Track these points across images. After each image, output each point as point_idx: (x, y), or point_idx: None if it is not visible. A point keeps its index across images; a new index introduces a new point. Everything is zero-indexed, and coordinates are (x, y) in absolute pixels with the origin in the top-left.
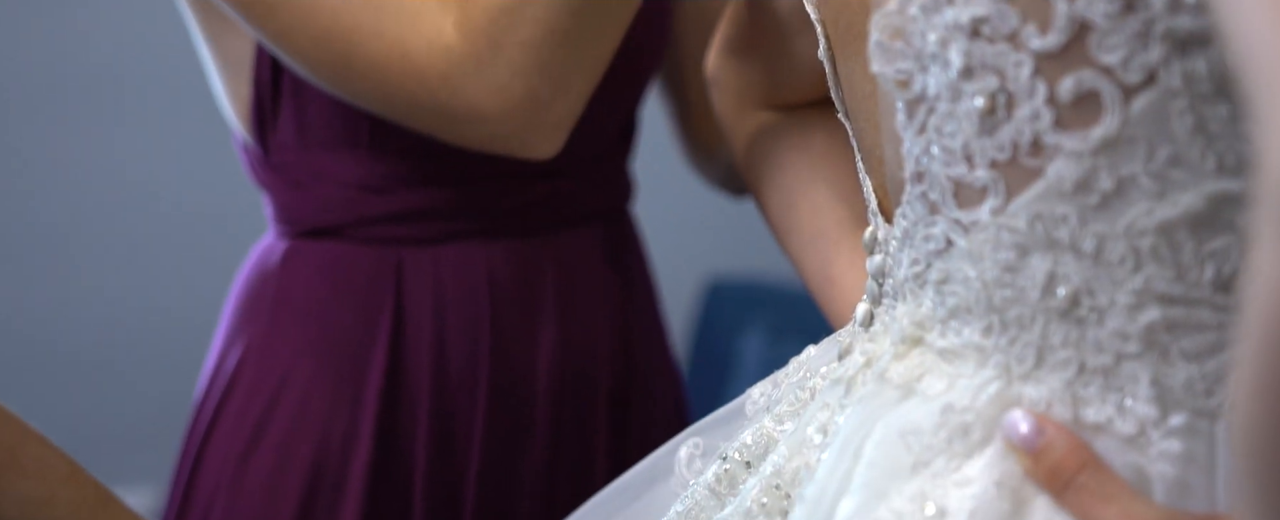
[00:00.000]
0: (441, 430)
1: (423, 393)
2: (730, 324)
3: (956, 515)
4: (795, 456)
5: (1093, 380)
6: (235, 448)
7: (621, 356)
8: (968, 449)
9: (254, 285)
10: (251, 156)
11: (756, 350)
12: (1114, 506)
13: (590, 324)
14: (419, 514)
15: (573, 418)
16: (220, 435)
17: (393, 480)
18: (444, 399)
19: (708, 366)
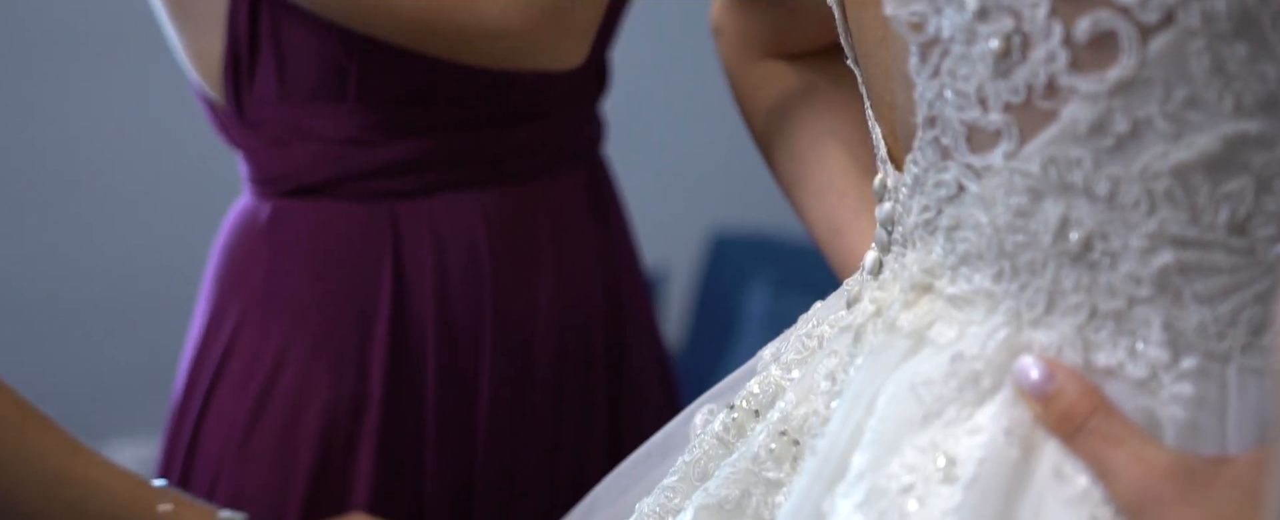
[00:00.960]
0: (449, 383)
1: (429, 347)
2: (735, 278)
3: (966, 464)
4: (803, 404)
5: (1104, 325)
6: (239, 417)
7: (612, 294)
8: (978, 396)
9: (241, 249)
10: (222, 115)
11: (761, 304)
12: (1124, 450)
13: (583, 265)
14: (432, 467)
15: (573, 360)
16: (220, 404)
17: (404, 436)
18: (450, 351)
19: (712, 321)
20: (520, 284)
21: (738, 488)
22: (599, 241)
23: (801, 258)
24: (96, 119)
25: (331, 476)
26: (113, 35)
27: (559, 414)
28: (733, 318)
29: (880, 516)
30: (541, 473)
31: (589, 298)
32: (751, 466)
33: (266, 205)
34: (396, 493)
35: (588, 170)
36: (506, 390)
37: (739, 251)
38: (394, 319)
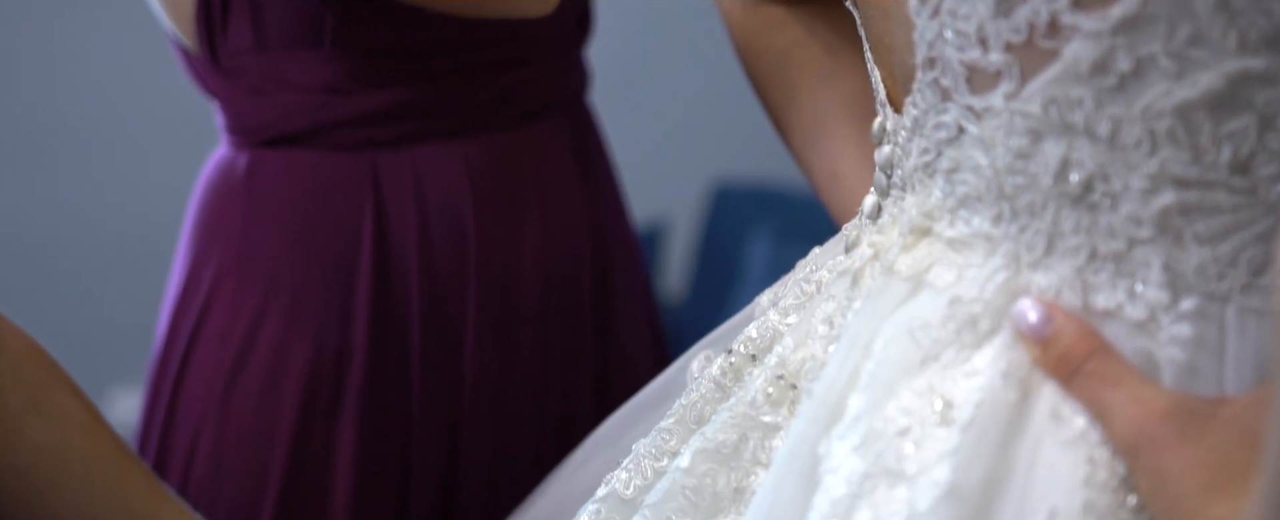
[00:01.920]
0: (434, 336)
1: (412, 299)
2: (737, 229)
3: (963, 407)
4: (801, 348)
5: (1103, 266)
6: (220, 371)
7: (599, 246)
8: (976, 339)
9: (218, 201)
10: (197, 64)
11: (763, 255)
12: (1122, 391)
13: (568, 216)
14: (418, 420)
15: (559, 312)
16: (201, 358)
17: (389, 390)
18: (434, 303)
19: (714, 271)
20: (504, 235)
21: (735, 432)
22: (585, 192)
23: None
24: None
25: (315, 432)
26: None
27: (545, 367)
28: (734, 268)
29: (877, 459)
30: (529, 427)
31: (575, 249)
32: (748, 411)
33: (243, 155)
34: (382, 448)
35: (572, 120)
36: (492, 343)
37: (740, 202)
38: (376, 271)
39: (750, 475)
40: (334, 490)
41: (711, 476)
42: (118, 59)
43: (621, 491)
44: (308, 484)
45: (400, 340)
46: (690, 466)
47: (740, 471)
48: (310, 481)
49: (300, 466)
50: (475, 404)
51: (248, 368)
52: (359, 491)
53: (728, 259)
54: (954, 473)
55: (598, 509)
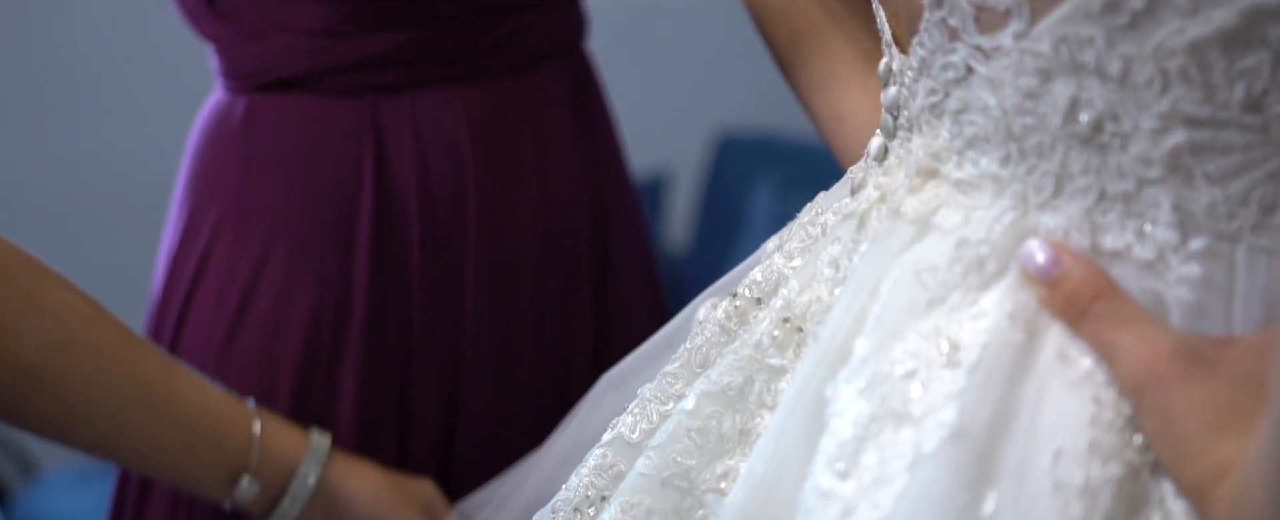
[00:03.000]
0: (435, 283)
1: (413, 246)
2: (740, 179)
3: (969, 349)
4: (806, 291)
5: (1112, 207)
6: (219, 325)
7: (597, 195)
8: (983, 281)
9: (215, 147)
10: (192, 6)
11: (766, 205)
12: (1130, 332)
13: (566, 164)
14: (418, 369)
15: (558, 258)
16: (199, 312)
17: (389, 342)
18: (435, 251)
19: (718, 222)
20: (503, 184)
21: (740, 374)
22: (583, 141)
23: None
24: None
25: (316, 384)
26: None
27: (543, 316)
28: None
29: (883, 401)
30: (527, 376)
31: (573, 199)
32: (754, 354)
33: (240, 101)
34: (382, 400)
35: (571, 68)
36: (491, 292)
37: (744, 152)
38: (377, 218)
39: (755, 418)
40: (336, 439)
41: (716, 419)
42: (109, 1)
43: (627, 435)
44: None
45: (401, 288)
46: (695, 409)
47: (745, 414)
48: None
49: (302, 415)
50: (475, 352)
51: (248, 317)
52: (360, 440)
53: (730, 209)
54: (960, 415)
55: (603, 453)
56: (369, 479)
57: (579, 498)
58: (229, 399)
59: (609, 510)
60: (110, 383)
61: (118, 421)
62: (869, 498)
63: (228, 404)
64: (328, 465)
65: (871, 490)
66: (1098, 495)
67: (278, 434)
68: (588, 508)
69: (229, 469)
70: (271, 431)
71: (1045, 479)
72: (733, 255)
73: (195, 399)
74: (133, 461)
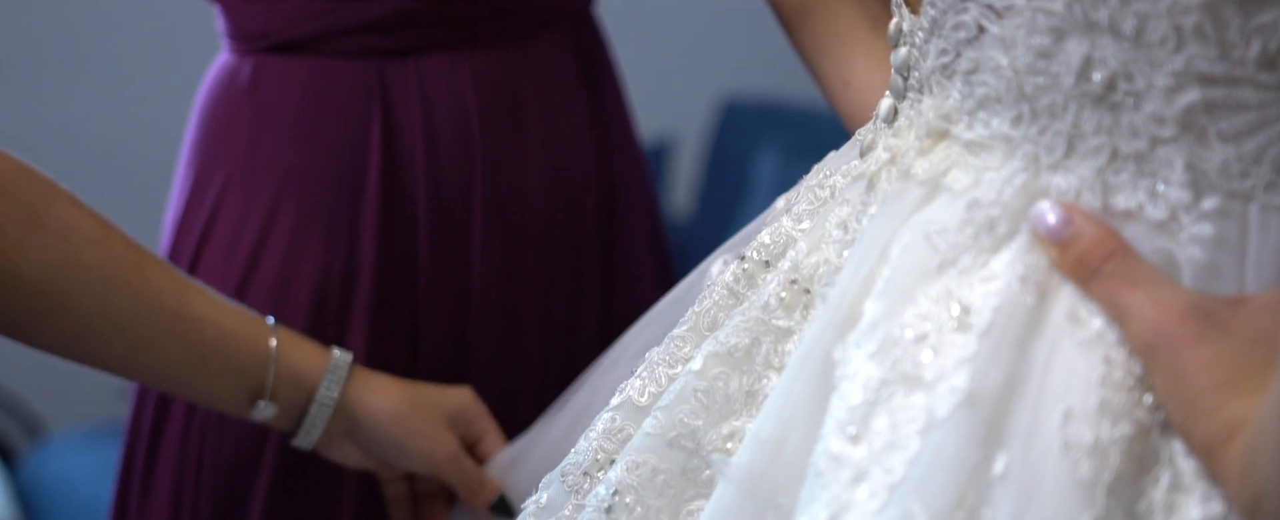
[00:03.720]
0: (442, 246)
1: (420, 210)
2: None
3: (980, 312)
4: (814, 252)
5: (1124, 167)
6: (226, 285)
7: (604, 161)
8: (994, 243)
9: (222, 109)
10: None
11: (771, 171)
12: (1140, 291)
13: (573, 130)
14: (426, 336)
15: (565, 223)
16: (206, 274)
17: (397, 305)
18: (442, 214)
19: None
20: (509, 148)
21: (747, 336)
22: (590, 107)
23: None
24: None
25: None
26: None
27: (550, 281)
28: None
29: (894, 365)
30: (534, 342)
31: (580, 165)
32: (761, 315)
33: (247, 63)
34: (390, 362)
35: (578, 34)
36: (498, 256)
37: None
38: (384, 181)
39: (762, 379)
40: None
41: (723, 379)
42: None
43: (636, 399)
44: None
45: (408, 252)
46: (702, 369)
47: (752, 375)
48: None
49: None
50: (481, 319)
51: (255, 279)
52: None
53: (735, 175)
54: (972, 379)
55: (612, 417)
56: (390, 397)
57: (588, 461)
58: (246, 316)
59: (615, 469)
60: (118, 301)
61: (129, 339)
62: (881, 462)
63: (244, 321)
64: (348, 384)
65: (883, 455)
66: (1107, 454)
67: (296, 352)
68: (597, 471)
69: (247, 389)
70: (289, 349)
71: (1055, 439)
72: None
73: (210, 317)
74: (149, 378)
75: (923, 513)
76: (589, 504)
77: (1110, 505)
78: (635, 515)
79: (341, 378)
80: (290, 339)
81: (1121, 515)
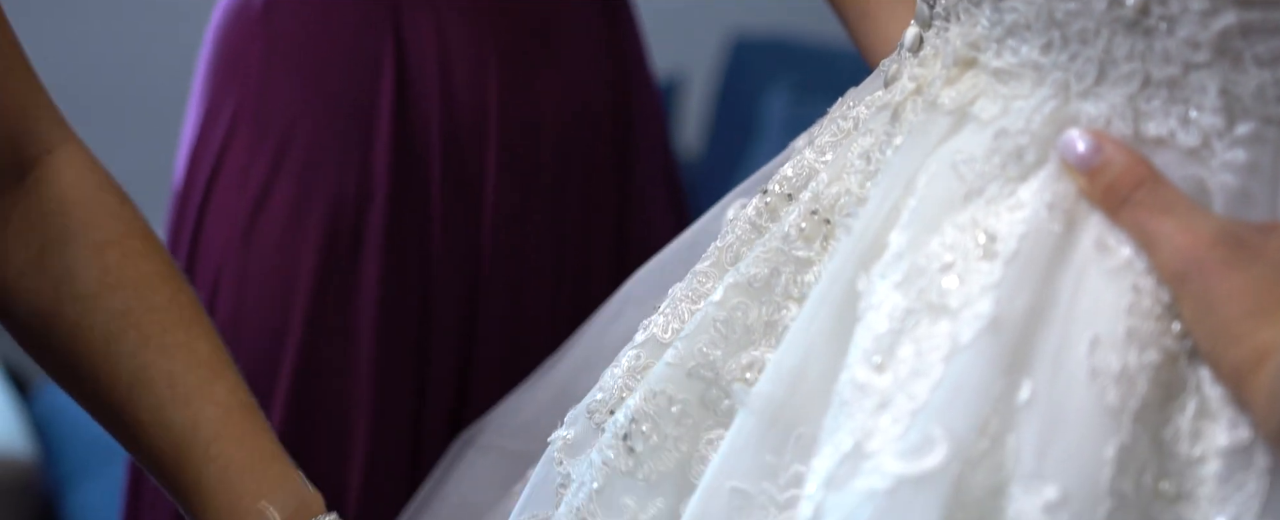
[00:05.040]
0: (455, 178)
1: (433, 141)
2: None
3: (1007, 240)
4: (836, 182)
5: (1156, 93)
6: (240, 214)
7: (618, 92)
8: (1022, 172)
9: (234, 39)
10: None
11: (781, 109)
12: (1171, 219)
13: (588, 62)
14: (439, 267)
15: (579, 157)
16: (220, 202)
17: (409, 235)
18: (455, 146)
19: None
20: (524, 80)
21: (767, 266)
22: (607, 36)
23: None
24: None
25: (336, 275)
26: None
27: (563, 213)
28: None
29: (919, 295)
30: (546, 273)
31: (596, 98)
32: (781, 246)
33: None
34: (403, 293)
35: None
36: (511, 187)
37: (758, 55)
38: (396, 112)
39: (781, 309)
40: (357, 331)
41: (742, 310)
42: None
43: (660, 336)
44: (330, 324)
45: (421, 182)
46: (722, 300)
47: (771, 305)
48: (333, 322)
49: (323, 307)
50: (494, 248)
51: (269, 208)
52: (382, 332)
53: (745, 113)
54: (996, 305)
55: (637, 354)
56: None
57: (613, 399)
58: (262, 463)
59: (633, 398)
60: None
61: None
62: (905, 389)
63: (254, 470)
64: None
65: (908, 382)
66: (1134, 381)
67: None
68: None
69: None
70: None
71: (1082, 366)
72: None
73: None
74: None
75: (944, 436)
76: (608, 430)
77: (1136, 432)
78: (652, 444)
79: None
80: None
81: (1147, 442)
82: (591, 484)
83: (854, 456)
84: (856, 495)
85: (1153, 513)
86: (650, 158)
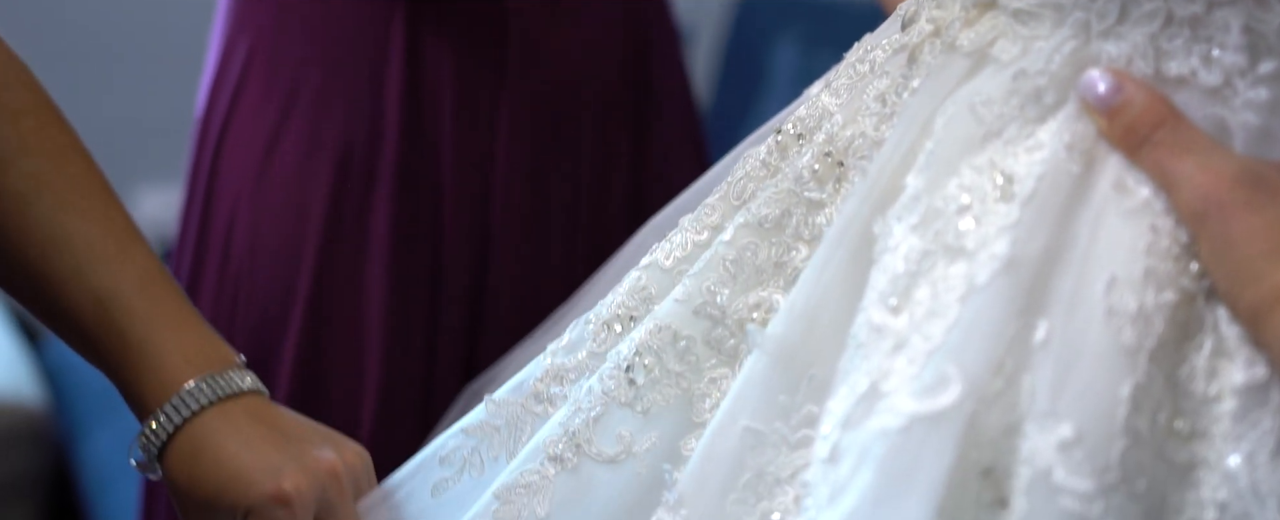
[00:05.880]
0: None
1: (446, 78)
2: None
3: (1024, 181)
4: (850, 125)
5: (1179, 32)
6: (255, 147)
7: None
8: (1041, 113)
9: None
10: None
11: (789, 62)
12: (1191, 159)
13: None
14: (450, 209)
15: (594, 106)
16: (237, 135)
17: (421, 177)
18: (469, 84)
19: (739, 81)
20: (539, 22)
21: (778, 207)
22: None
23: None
24: None
25: (348, 214)
26: None
27: (578, 163)
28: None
29: (936, 237)
30: (561, 222)
31: (612, 44)
32: (793, 187)
33: None
34: (414, 234)
35: None
36: (525, 132)
37: (766, 9)
38: (409, 48)
39: (791, 250)
40: (369, 278)
41: (752, 250)
42: None
43: (662, 262)
44: (343, 259)
45: (433, 125)
46: (731, 239)
47: (781, 246)
48: (345, 256)
49: (335, 240)
50: (507, 196)
51: (283, 142)
52: (393, 280)
53: (752, 67)
54: (1013, 246)
55: (639, 276)
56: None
57: (611, 315)
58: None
59: (639, 331)
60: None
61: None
62: (921, 330)
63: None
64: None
65: (923, 323)
66: (1151, 321)
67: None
68: (616, 324)
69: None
70: None
71: (1098, 306)
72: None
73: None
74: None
75: (959, 375)
76: (610, 360)
77: (1152, 371)
78: (652, 377)
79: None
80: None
81: (1162, 381)
82: (589, 411)
83: (869, 397)
84: (871, 434)
85: (1167, 451)
86: (670, 104)
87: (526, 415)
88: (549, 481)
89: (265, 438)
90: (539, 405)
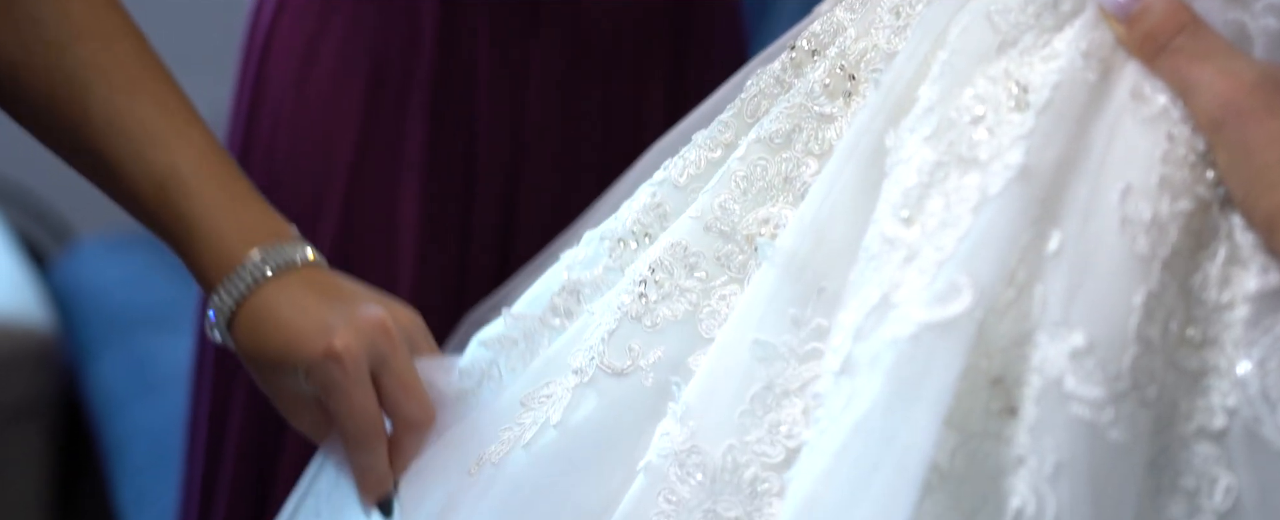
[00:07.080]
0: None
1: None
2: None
3: (1040, 90)
4: (863, 38)
5: None
6: (295, 56)
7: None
8: (1057, 21)
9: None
10: None
11: None
12: (1210, 65)
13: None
14: (484, 124)
15: (631, 48)
16: (280, 44)
17: (455, 91)
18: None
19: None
20: None
21: (789, 122)
22: None
23: None
24: None
25: (382, 124)
26: None
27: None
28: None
29: (949, 147)
30: (594, 135)
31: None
32: (804, 101)
33: None
34: (447, 146)
35: None
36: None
37: None
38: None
39: (801, 165)
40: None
41: (762, 165)
42: None
43: (675, 179)
44: (374, 180)
45: (468, 40)
46: (743, 155)
47: (791, 161)
48: (377, 178)
49: (370, 153)
50: (542, 112)
51: (320, 53)
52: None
53: None
54: (1027, 155)
55: (654, 191)
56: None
57: (624, 231)
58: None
59: (654, 247)
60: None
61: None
62: (933, 241)
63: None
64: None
65: (935, 234)
66: (1165, 230)
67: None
68: (631, 240)
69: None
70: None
71: (1113, 215)
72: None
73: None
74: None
75: (969, 284)
76: (627, 276)
77: (1165, 279)
78: (663, 291)
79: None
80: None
81: (1175, 289)
82: (607, 326)
83: (881, 308)
84: (880, 342)
85: (1178, 358)
86: (716, 62)
87: (543, 329)
88: (567, 391)
89: (318, 301)
90: (556, 319)
